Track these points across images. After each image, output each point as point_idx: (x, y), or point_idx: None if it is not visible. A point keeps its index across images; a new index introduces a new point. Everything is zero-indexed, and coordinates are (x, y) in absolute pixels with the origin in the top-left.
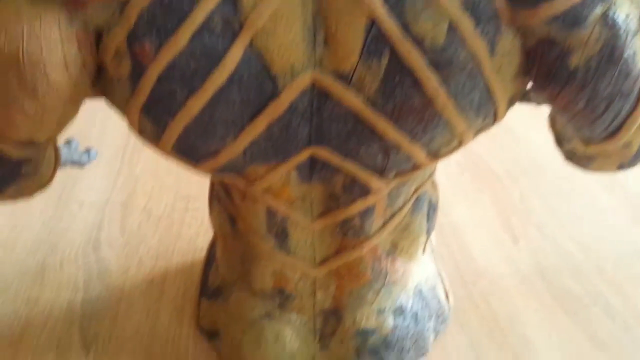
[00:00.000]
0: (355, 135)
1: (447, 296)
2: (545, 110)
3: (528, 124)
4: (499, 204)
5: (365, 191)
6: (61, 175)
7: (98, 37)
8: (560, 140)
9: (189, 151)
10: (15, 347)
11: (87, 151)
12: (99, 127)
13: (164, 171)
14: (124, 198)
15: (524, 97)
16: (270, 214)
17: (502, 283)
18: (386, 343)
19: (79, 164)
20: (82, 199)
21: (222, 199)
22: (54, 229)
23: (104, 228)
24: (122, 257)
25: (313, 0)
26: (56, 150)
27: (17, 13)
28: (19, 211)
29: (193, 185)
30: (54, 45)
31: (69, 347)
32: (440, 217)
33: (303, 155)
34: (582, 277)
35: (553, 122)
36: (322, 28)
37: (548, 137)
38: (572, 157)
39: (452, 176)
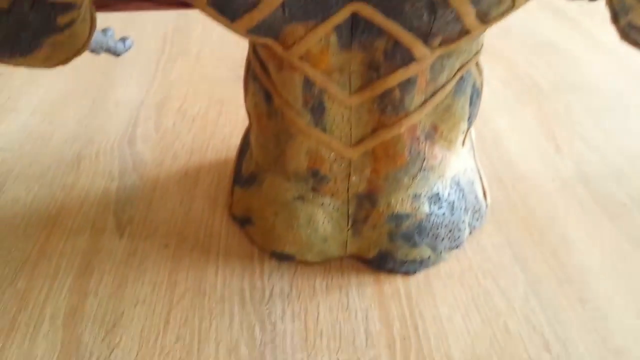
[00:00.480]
0: None
1: (484, 194)
2: (593, 26)
3: (576, 43)
4: (542, 117)
5: (407, 59)
6: (96, 75)
7: None
8: (616, 15)
9: (226, 4)
10: (50, 228)
11: (123, 40)
12: (135, 37)
13: (198, 78)
14: (159, 100)
15: None
16: (307, 85)
17: (543, 187)
18: (420, 229)
19: (114, 51)
20: (117, 100)
21: (258, 76)
22: (90, 125)
23: (139, 125)
24: (157, 151)
25: None
26: (92, 11)
27: None
28: (54, 110)
29: (227, 90)
30: None
31: (103, 229)
32: (481, 126)
33: (344, 13)
34: (626, 183)
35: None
36: None
37: (597, 57)
38: (628, 32)
39: (495, 91)
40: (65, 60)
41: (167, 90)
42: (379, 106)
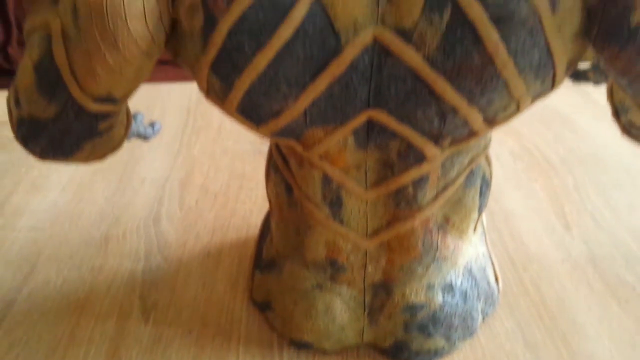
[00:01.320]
0: (413, 96)
1: (496, 279)
2: (602, 97)
3: (584, 114)
4: (552, 192)
5: (419, 158)
6: (124, 152)
7: None
8: (618, 112)
9: (253, 111)
10: (79, 313)
11: (152, 125)
12: (159, 113)
13: (220, 152)
14: (183, 176)
15: (583, 76)
16: (326, 181)
17: (553, 269)
18: (434, 319)
19: (144, 136)
20: (143, 177)
21: (279, 168)
22: (117, 203)
23: (164, 203)
24: (181, 231)
25: None
26: (128, 112)
27: None
28: (83, 188)
29: (247, 166)
30: None
31: (129, 314)
32: (492, 204)
33: (361, 119)
34: (635, 266)
35: (611, 92)
36: None
37: (605, 128)
38: (629, 129)
39: (506, 165)
40: (102, 157)
41: (190, 165)
42: (393, 201)
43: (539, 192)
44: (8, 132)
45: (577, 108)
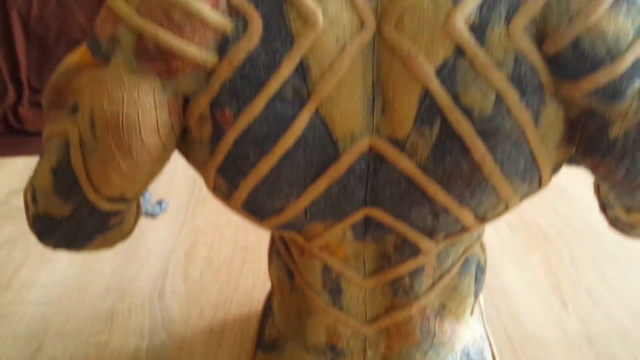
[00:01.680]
0: (407, 197)
1: None
2: None
3: (580, 185)
4: (549, 267)
5: (415, 251)
6: None
7: (185, 103)
8: (604, 207)
9: (256, 209)
10: None
11: (159, 203)
12: (165, 182)
13: (224, 223)
14: (187, 248)
15: (573, 160)
16: (326, 270)
17: (550, 348)
18: None
19: (151, 215)
20: (149, 248)
21: (281, 254)
22: (123, 277)
23: (169, 277)
24: (185, 306)
25: (373, 72)
26: (138, 202)
27: (119, 82)
28: (91, 259)
29: (250, 238)
30: (149, 109)
31: None
32: (490, 279)
33: (358, 215)
34: (630, 344)
35: (597, 188)
36: (380, 97)
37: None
38: (615, 223)
39: (503, 237)
40: (112, 245)
41: (195, 236)
42: (391, 289)
43: (536, 266)
44: (18, 201)
45: (573, 178)
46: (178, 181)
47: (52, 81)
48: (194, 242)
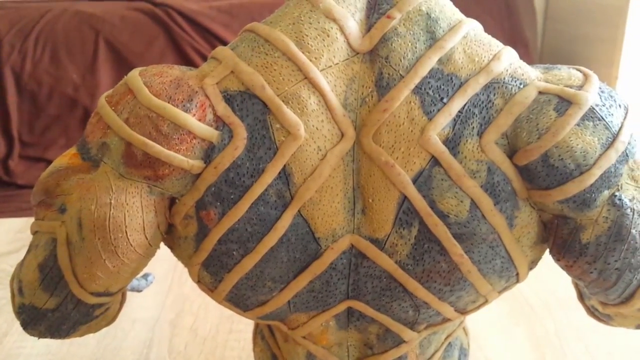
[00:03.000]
0: (388, 292)
1: None
2: None
3: None
4: (534, 339)
5: (398, 341)
6: None
7: (171, 201)
8: (581, 297)
9: (240, 301)
10: None
11: (145, 276)
12: None
13: None
14: (173, 317)
15: None
16: (310, 356)
17: None
18: None
19: (137, 289)
20: (134, 317)
21: (265, 337)
22: (108, 347)
23: (154, 347)
24: None
25: (353, 176)
26: (124, 292)
27: (107, 186)
28: None
29: None
30: (136, 212)
31: None
32: (476, 351)
33: (341, 307)
34: None
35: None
36: (360, 199)
37: None
38: (593, 312)
39: (490, 308)
40: (97, 331)
41: (181, 304)
42: None
43: (521, 337)
44: (6, 266)
45: None
46: (164, 249)
47: (41, 180)
48: (180, 311)
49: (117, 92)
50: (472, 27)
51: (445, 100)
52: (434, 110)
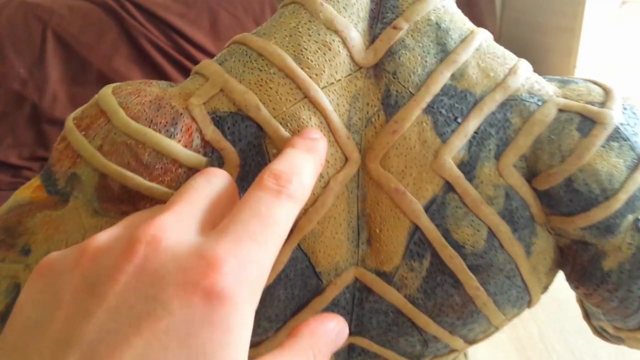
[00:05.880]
0: (395, 328)
1: None
2: None
3: None
4: (519, 343)
5: None
6: None
7: None
8: (589, 317)
9: None
10: None
11: None
12: None
13: None
14: None
15: None
16: None
17: None
18: None
19: None
20: None
21: None
22: None
23: None
24: None
25: (357, 204)
26: None
27: (78, 225)
28: None
29: None
30: None
31: None
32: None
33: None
34: None
35: (582, 300)
36: (365, 229)
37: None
38: (601, 333)
39: None
40: None
41: None
42: None
43: (506, 343)
44: None
45: None
46: None
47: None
48: None
49: (88, 114)
50: (485, 38)
51: (459, 119)
52: (447, 132)
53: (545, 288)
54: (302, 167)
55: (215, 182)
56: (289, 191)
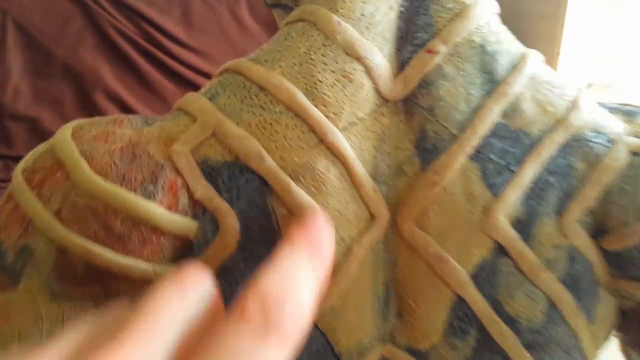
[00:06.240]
0: None
1: None
2: None
3: None
4: None
5: None
6: None
7: None
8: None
9: None
10: None
11: None
12: None
13: None
14: None
15: None
16: None
17: None
18: None
19: None
20: None
21: None
22: None
23: None
24: None
25: (385, 268)
26: None
27: (34, 314)
28: None
29: None
30: None
31: None
32: None
33: None
34: None
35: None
36: (395, 299)
37: None
38: None
39: None
40: None
41: None
42: None
43: None
44: None
45: None
46: None
47: None
48: None
49: (41, 164)
50: (538, 63)
51: (513, 167)
52: (499, 182)
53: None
54: (301, 284)
55: (191, 300)
56: (281, 329)
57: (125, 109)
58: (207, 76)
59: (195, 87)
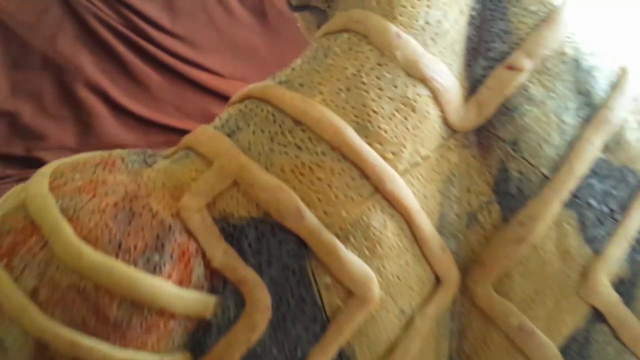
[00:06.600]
0: None
1: None
2: None
3: None
4: None
5: None
6: None
7: None
8: None
9: None
10: None
11: None
12: None
13: None
14: None
15: None
16: None
17: None
18: None
19: None
20: None
21: None
22: None
23: None
24: None
25: (451, 338)
26: None
27: None
28: None
29: None
30: None
31: None
32: None
33: None
34: None
35: None
36: None
37: None
38: None
39: None
40: None
41: None
42: None
43: None
44: None
45: None
46: None
47: None
48: None
49: (10, 224)
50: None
51: (618, 215)
52: (601, 235)
53: None
54: None
55: None
56: None
57: (109, 101)
58: (194, 65)
59: (182, 77)
